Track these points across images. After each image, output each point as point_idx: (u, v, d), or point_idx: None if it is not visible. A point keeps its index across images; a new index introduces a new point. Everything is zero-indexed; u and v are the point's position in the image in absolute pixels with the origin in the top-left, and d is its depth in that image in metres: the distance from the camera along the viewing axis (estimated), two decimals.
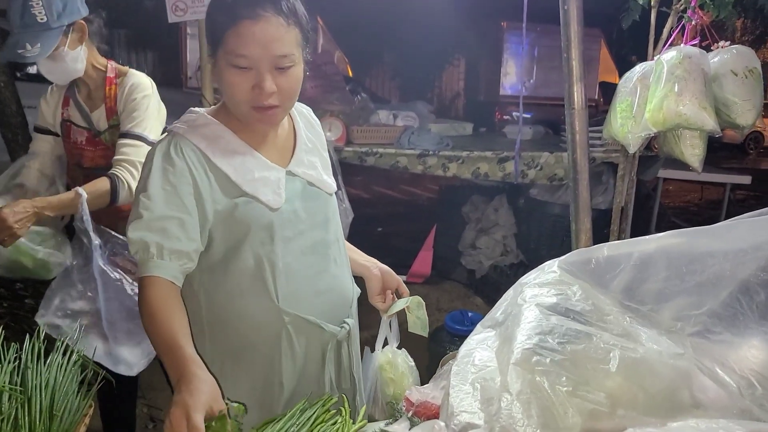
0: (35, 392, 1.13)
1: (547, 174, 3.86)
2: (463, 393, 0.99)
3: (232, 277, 1.33)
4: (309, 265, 1.39)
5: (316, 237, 1.41)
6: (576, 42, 2.09)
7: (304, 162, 1.42)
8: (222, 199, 1.29)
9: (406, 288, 1.58)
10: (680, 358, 1.03)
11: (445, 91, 12.55)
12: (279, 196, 1.34)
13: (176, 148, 1.27)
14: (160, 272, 1.21)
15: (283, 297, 1.34)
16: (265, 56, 1.21)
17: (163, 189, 1.24)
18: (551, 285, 1.15)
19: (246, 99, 1.25)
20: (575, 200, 2.24)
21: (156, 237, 1.22)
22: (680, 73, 2.25)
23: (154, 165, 1.26)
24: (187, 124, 1.33)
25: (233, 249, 1.32)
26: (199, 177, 1.27)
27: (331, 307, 1.44)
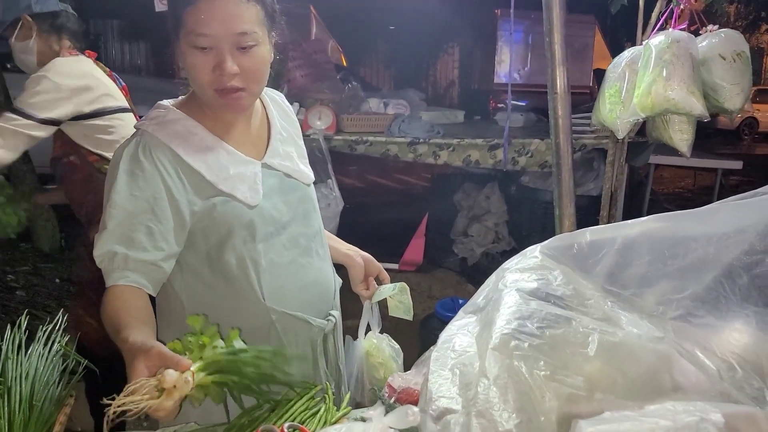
0: (15, 383, 1.13)
1: (537, 161, 3.86)
2: (442, 378, 0.98)
3: (216, 277, 1.30)
4: (292, 259, 1.37)
5: (297, 231, 1.39)
6: (558, 26, 2.09)
7: (279, 152, 1.38)
8: (197, 200, 1.25)
9: (387, 275, 1.57)
10: (660, 341, 1.03)
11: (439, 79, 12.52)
12: (256, 192, 1.29)
13: (145, 150, 1.21)
14: (124, 282, 1.14)
15: (269, 295, 1.32)
16: (225, 34, 1.16)
17: (132, 195, 1.18)
18: (532, 270, 1.15)
19: (208, 82, 1.20)
20: (558, 185, 2.23)
21: (122, 247, 1.15)
22: (668, 58, 2.23)
23: (120, 169, 1.20)
24: (156, 121, 1.26)
25: (215, 249, 1.29)
26: (171, 180, 1.21)
27: (316, 300, 1.43)
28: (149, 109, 1.32)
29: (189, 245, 1.27)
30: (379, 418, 0.96)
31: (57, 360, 1.25)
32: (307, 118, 3.69)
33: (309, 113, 3.70)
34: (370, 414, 0.97)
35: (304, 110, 3.74)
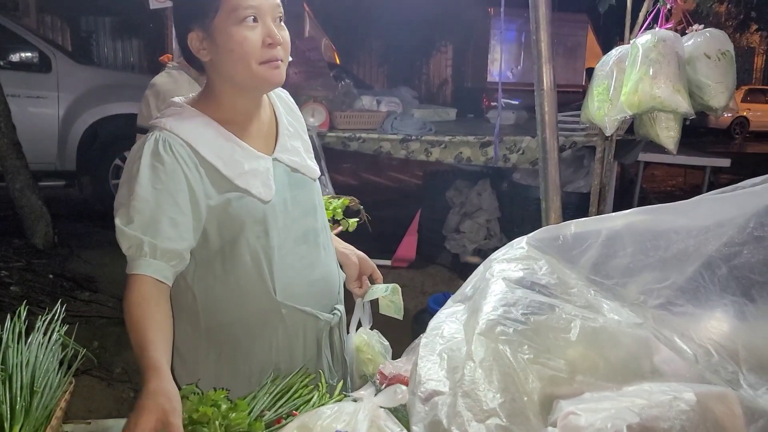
0: (16, 370, 1.15)
1: (528, 158, 3.90)
2: (431, 363, 1.02)
3: (229, 271, 1.32)
4: (302, 255, 1.40)
5: (306, 225, 1.41)
6: (544, 25, 2.13)
7: (288, 148, 1.41)
8: (214, 195, 1.27)
9: (380, 274, 1.60)
10: (639, 327, 1.07)
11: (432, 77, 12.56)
12: (269, 187, 1.32)
13: (165, 145, 1.23)
14: (150, 271, 1.16)
15: (280, 289, 1.35)
16: (268, 5, 1.24)
17: (154, 188, 1.20)
18: (519, 260, 1.19)
19: (257, 55, 1.24)
20: (545, 179, 2.29)
21: (149, 236, 1.17)
22: (655, 57, 2.28)
23: (142, 164, 1.22)
24: (173, 118, 1.29)
25: (229, 243, 1.31)
26: (190, 173, 1.24)
27: (323, 295, 1.46)
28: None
29: (203, 240, 1.29)
30: (369, 398, 1.00)
31: (56, 349, 1.28)
32: None
33: (302, 110, 3.69)
34: (361, 394, 1.01)
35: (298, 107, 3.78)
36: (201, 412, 1.03)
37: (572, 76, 7.47)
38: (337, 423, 0.93)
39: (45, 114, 5.49)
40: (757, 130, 16.54)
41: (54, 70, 5.64)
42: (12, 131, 4.24)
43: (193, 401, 1.07)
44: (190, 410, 1.05)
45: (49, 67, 5.64)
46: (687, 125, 2.55)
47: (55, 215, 4.71)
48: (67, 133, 5.52)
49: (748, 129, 16.56)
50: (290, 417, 1.11)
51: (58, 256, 4.45)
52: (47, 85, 5.58)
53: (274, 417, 1.12)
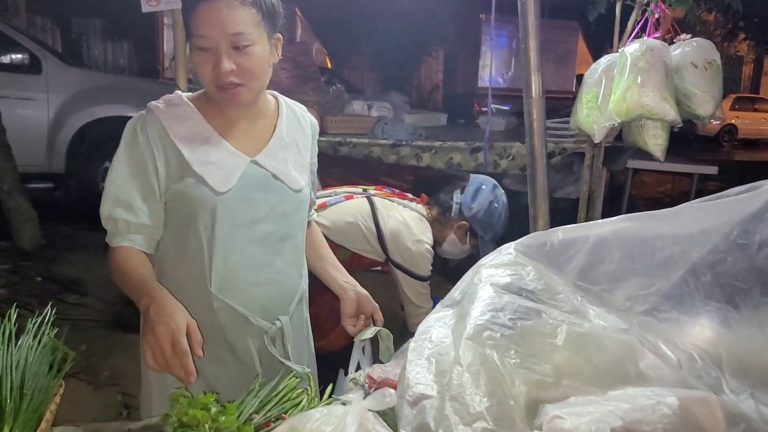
0: (5, 372, 1.15)
1: (518, 164, 3.93)
2: (419, 367, 1.03)
3: (178, 257, 1.41)
4: (252, 255, 1.42)
5: (268, 229, 1.44)
6: (533, 33, 2.16)
7: (274, 155, 1.45)
8: (174, 176, 1.35)
9: (381, 316, 1.58)
10: (624, 333, 1.09)
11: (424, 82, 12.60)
12: (228, 181, 1.36)
13: (143, 125, 1.35)
14: (126, 243, 1.34)
15: (217, 283, 1.39)
16: (220, 36, 1.27)
17: (129, 164, 1.34)
18: (506, 266, 1.20)
19: (210, 79, 1.31)
20: (533, 185, 2.32)
21: (122, 213, 1.33)
22: (643, 65, 2.32)
23: (123, 140, 1.35)
24: (163, 102, 1.39)
25: (182, 228, 1.39)
26: (156, 152, 1.34)
27: (267, 300, 1.47)
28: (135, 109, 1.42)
29: (164, 223, 1.40)
30: (358, 401, 1.01)
31: (46, 351, 1.28)
32: None
33: None
34: (350, 397, 1.02)
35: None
36: (191, 416, 1.04)
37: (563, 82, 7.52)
38: (326, 426, 0.93)
39: (34, 116, 5.46)
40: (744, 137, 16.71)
41: (44, 72, 5.61)
42: (1, 133, 4.23)
43: (182, 404, 1.07)
44: (180, 413, 1.05)
45: (39, 68, 5.61)
46: (676, 132, 2.58)
47: (42, 217, 4.69)
48: (56, 135, 5.50)
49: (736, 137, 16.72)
50: (279, 420, 1.12)
51: (46, 259, 4.43)
52: (37, 87, 5.55)
53: (263, 420, 1.13)
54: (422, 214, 2.37)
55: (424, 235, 2.31)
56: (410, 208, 2.36)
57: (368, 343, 1.53)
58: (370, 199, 2.33)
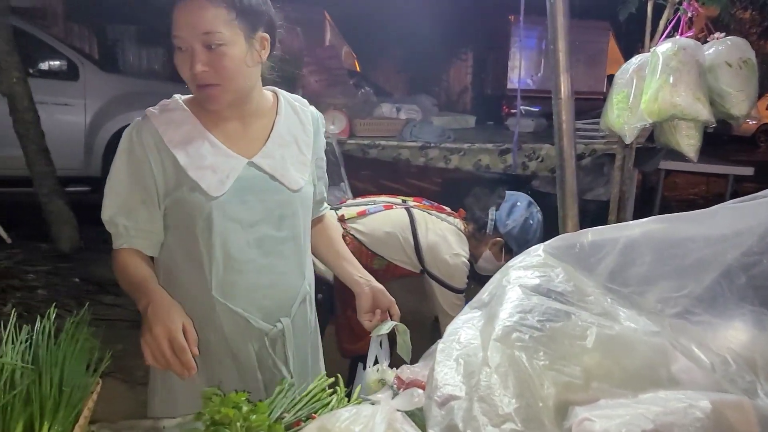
0: (46, 370, 1.19)
1: (548, 165, 3.90)
2: (447, 368, 1.04)
3: (183, 261, 1.42)
4: (251, 258, 1.42)
5: (265, 232, 1.43)
6: (562, 34, 2.15)
7: (273, 155, 1.43)
8: (171, 182, 1.36)
9: (398, 310, 1.56)
10: (656, 335, 1.08)
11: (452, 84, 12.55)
12: (222, 184, 1.36)
13: (139, 132, 1.36)
14: (128, 246, 1.37)
15: (217, 286, 1.40)
16: (191, 35, 1.28)
17: (126, 171, 1.36)
18: (535, 267, 1.20)
19: (188, 78, 1.32)
20: (562, 187, 2.30)
21: (122, 218, 1.36)
22: (675, 65, 2.28)
23: (120, 148, 1.37)
24: (159, 108, 1.40)
25: (183, 233, 1.40)
26: (153, 159, 1.35)
27: (268, 303, 1.46)
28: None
29: (167, 227, 1.41)
30: (387, 401, 1.01)
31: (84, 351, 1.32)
32: None
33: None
34: (379, 397, 1.03)
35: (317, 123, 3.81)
36: (223, 414, 1.06)
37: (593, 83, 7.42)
38: (355, 425, 0.95)
39: (72, 121, 5.60)
40: None
41: (81, 78, 5.76)
42: (41, 138, 4.34)
43: (215, 402, 1.09)
44: (213, 411, 1.08)
45: (76, 75, 5.76)
46: (710, 133, 2.54)
47: (80, 220, 4.80)
48: (93, 140, 5.63)
49: None
50: (309, 420, 1.14)
51: (83, 261, 4.52)
52: (74, 93, 5.70)
53: (293, 419, 1.15)
54: (459, 229, 2.41)
55: (461, 249, 2.36)
56: (448, 222, 2.41)
57: (385, 337, 1.53)
58: (409, 211, 2.37)
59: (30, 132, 4.26)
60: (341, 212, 2.41)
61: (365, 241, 2.31)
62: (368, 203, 2.45)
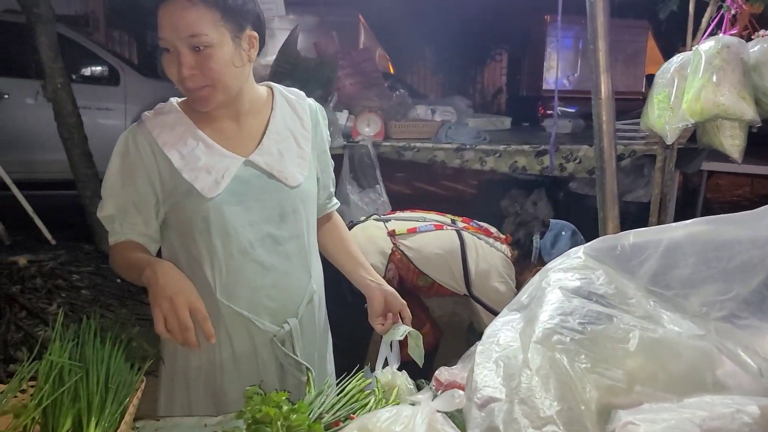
0: (92, 366, 1.22)
1: (585, 167, 3.84)
2: (487, 370, 1.03)
3: (187, 265, 1.39)
4: (253, 259, 1.40)
5: (266, 231, 1.41)
6: (603, 34, 2.12)
7: (270, 152, 1.40)
8: (167, 186, 1.36)
9: (409, 313, 1.55)
10: (701, 339, 1.06)
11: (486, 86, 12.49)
12: (217, 185, 1.34)
13: (134, 136, 1.35)
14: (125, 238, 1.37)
15: (221, 288, 1.38)
16: (176, 38, 1.25)
17: (120, 174, 1.36)
18: (575, 270, 1.18)
19: (176, 81, 1.31)
20: (602, 189, 2.27)
21: (119, 217, 1.37)
22: (718, 63, 2.23)
23: (115, 151, 1.37)
24: (154, 111, 1.40)
25: (184, 237, 1.39)
26: (148, 162, 1.35)
27: (276, 304, 1.44)
28: None
29: (168, 232, 1.41)
30: (427, 401, 1.01)
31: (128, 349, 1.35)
32: (356, 125, 3.78)
33: (358, 120, 3.79)
34: (419, 398, 1.03)
35: (353, 117, 3.83)
36: (264, 412, 1.07)
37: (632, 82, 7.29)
38: (396, 425, 0.95)
39: (113, 125, 5.75)
40: None
41: (122, 83, 5.90)
42: (84, 142, 4.46)
43: (256, 401, 1.11)
44: (254, 410, 1.09)
45: (117, 80, 5.91)
46: (755, 133, 2.47)
47: None
48: None
49: None
50: (348, 420, 1.14)
51: None
52: (115, 98, 5.85)
53: (332, 420, 1.16)
54: (507, 255, 2.41)
55: (509, 277, 2.37)
56: (496, 248, 2.41)
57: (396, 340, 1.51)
58: (460, 234, 2.38)
59: (74, 136, 4.38)
60: (391, 226, 2.42)
61: (413, 258, 2.33)
62: (418, 219, 2.45)
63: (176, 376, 1.47)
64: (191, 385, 1.46)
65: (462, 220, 2.51)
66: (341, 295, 1.88)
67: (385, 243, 2.35)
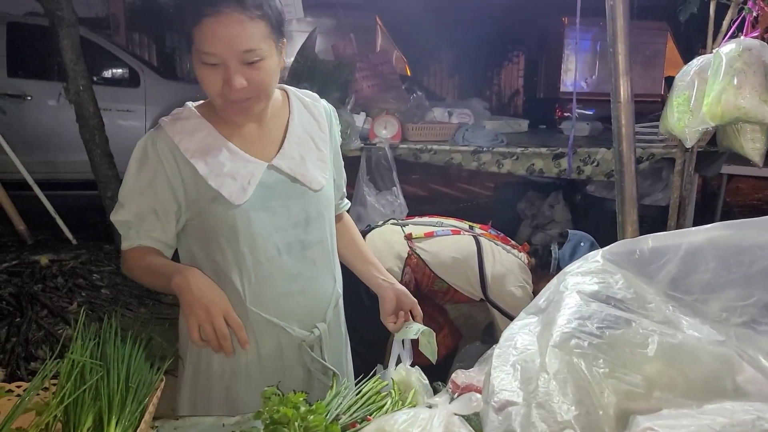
0: (113, 365, 1.24)
1: (603, 170, 3.82)
2: (504, 373, 1.03)
3: (214, 274, 1.35)
4: (281, 266, 1.38)
5: (292, 236, 1.39)
6: (622, 36, 2.10)
7: (291, 156, 1.39)
8: (191, 194, 1.33)
9: (420, 311, 1.54)
10: (721, 345, 1.05)
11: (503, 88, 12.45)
12: (244, 191, 1.32)
13: (153, 142, 1.31)
14: (140, 243, 1.35)
15: (251, 296, 1.37)
16: (231, 53, 1.20)
17: (139, 181, 1.32)
18: (594, 274, 1.18)
19: (218, 93, 1.25)
20: (621, 192, 2.26)
21: (135, 223, 1.34)
22: (739, 66, 2.21)
23: (133, 158, 1.33)
24: (172, 117, 1.35)
25: (209, 244, 1.36)
26: (170, 169, 1.31)
27: (302, 309, 1.44)
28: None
29: (188, 239, 1.39)
30: (444, 404, 1.02)
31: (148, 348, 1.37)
32: (373, 127, 3.78)
33: (375, 122, 3.80)
34: (436, 401, 1.03)
35: (371, 119, 3.84)
36: (282, 413, 1.08)
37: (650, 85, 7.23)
38: (413, 428, 0.95)
39: (133, 126, 5.81)
40: None
41: (142, 85, 5.97)
42: (105, 143, 4.51)
43: (274, 402, 1.12)
44: (271, 411, 1.10)
45: (137, 82, 5.98)
46: None
47: None
48: None
49: None
50: (364, 421, 1.15)
51: None
52: (135, 99, 5.92)
53: (349, 421, 1.16)
54: (524, 262, 2.40)
55: (526, 281, 2.36)
56: (513, 254, 2.41)
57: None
58: (477, 239, 2.37)
59: (95, 137, 4.43)
60: (408, 230, 2.42)
61: (429, 262, 2.33)
62: (435, 224, 2.46)
63: (199, 378, 1.47)
64: (213, 388, 1.46)
65: (480, 227, 2.50)
66: (358, 298, 1.89)
67: (402, 247, 2.36)
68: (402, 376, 1.44)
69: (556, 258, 2.38)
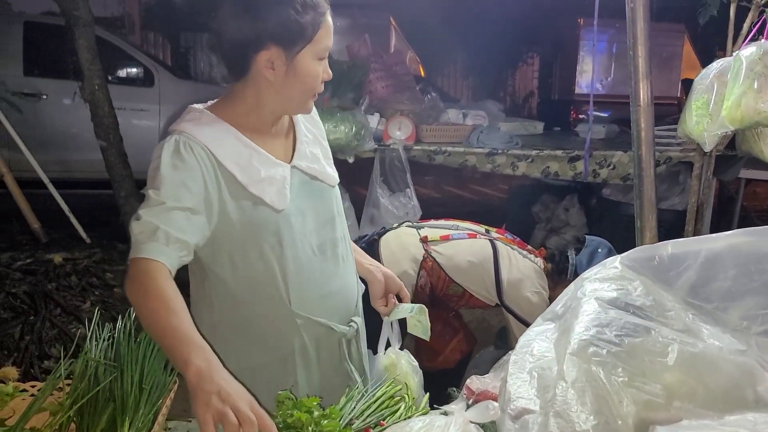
0: (127, 366, 1.24)
1: (620, 173, 3.79)
2: (521, 381, 1.02)
3: (240, 283, 1.33)
4: (318, 267, 1.39)
5: (323, 236, 1.40)
6: (642, 39, 2.08)
7: (306, 155, 1.40)
8: (230, 201, 1.28)
9: (407, 293, 1.55)
10: (742, 354, 1.03)
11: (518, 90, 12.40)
12: (284, 196, 1.31)
13: (186, 146, 1.24)
14: (162, 258, 1.14)
15: (296, 300, 1.36)
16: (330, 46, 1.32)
17: (173, 182, 1.20)
18: (612, 280, 1.16)
19: (313, 88, 1.32)
20: (640, 197, 2.23)
21: (164, 224, 1.15)
22: (760, 69, 2.17)
23: (162, 161, 1.22)
24: (192, 123, 1.29)
25: (241, 254, 1.32)
26: (208, 176, 1.25)
27: (339, 306, 1.45)
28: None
29: (213, 249, 1.29)
30: (460, 412, 1.01)
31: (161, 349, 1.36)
32: (387, 129, 3.77)
33: (389, 123, 3.78)
34: (452, 408, 1.02)
35: (385, 120, 3.82)
36: (295, 417, 1.07)
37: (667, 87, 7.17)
38: None
39: (147, 126, 5.84)
40: None
41: (156, 85, 6.00)
42: (119, 142, 4.53)
43: (287, 405, 1.11)
44: (285, 414, 1.10)
45: (152, 81, 6.01)
46: None
47: None
48: None
49: None
50: (378, 427, 1.14)
51: None
52: (150, 99, 5.95)
53: (362, 426, 1.15)
54: (540, 268, 2.39)
55: (542, 287, 2.34)
56: (530, 259, 2.39)
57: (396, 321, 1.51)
58: (493, 243, 2.35)
59: (110, 137, 4.45)
60: (424, 233, 2.40)
61: (445, 266, 2.32)
62: (451, 227, 2.44)
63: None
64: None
65: (496, 231, 2.49)
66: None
67: (417, 250, 2.34)
68: (392, 359, 1.45)
69: (573, 264, 2.35)
